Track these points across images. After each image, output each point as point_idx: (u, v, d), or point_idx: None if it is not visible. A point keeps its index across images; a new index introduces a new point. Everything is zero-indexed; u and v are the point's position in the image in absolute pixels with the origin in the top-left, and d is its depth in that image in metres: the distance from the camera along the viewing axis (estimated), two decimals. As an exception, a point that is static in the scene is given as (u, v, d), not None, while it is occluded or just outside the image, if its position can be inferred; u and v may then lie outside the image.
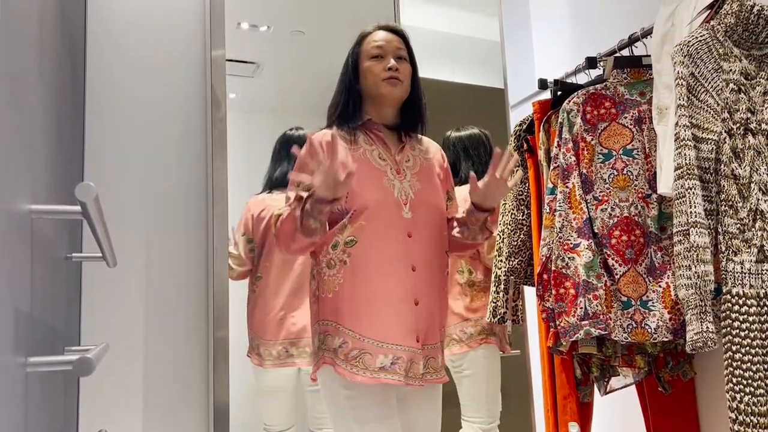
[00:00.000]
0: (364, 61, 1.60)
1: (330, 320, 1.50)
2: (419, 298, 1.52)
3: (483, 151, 2.25)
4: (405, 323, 1.49)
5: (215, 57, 2.05)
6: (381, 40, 1.59)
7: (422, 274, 1.54)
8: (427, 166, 1.65)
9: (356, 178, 1.51)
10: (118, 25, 2.07)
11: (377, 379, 1.44)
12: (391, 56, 1.58)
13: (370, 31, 1.63)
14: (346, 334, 1.47)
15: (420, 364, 1.49)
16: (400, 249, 1.52)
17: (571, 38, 2.62)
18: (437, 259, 1.59)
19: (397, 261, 1.51)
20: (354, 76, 1.61)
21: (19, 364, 0.81)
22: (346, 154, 1.55)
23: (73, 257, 1.45)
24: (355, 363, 1.45)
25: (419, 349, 1.50)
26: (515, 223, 2.00)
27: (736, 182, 1.42)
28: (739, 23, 1.50)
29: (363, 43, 1.62)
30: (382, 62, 1.58)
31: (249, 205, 2.04)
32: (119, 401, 1.89)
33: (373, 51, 1.59)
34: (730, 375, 1.36)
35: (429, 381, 1.53)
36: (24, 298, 0.85)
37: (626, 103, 1.77)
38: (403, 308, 1.49)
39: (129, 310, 1.95)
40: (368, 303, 1.48)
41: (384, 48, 1.59)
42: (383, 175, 1.56)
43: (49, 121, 1.15)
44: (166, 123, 2.08)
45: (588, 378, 1.85)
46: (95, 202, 0.85)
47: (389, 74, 1.56)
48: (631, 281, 1.68)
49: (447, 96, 2.52)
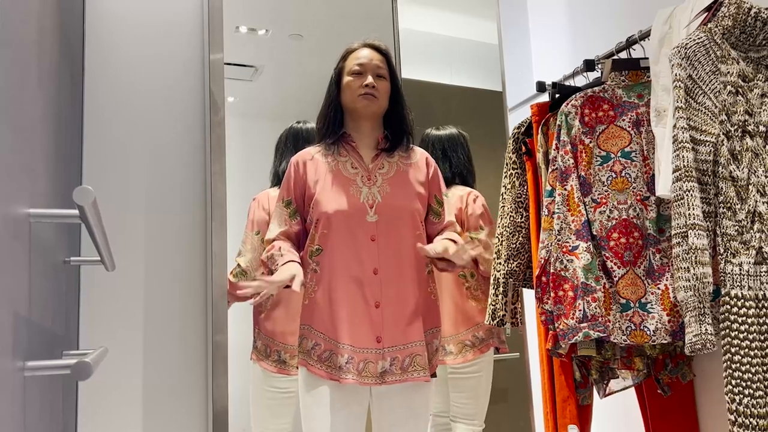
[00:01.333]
0: (345, 76, 1.71)
1: (307, 324, 1.65)
2: (380, 300, 1.61)
3: (461, 152, 2.24)
4: (362, 325, 1.59)
5: (213, 60, 2.05)
6: (363, 58, 1.70)
7: (386, 276, 1.63)
8: (404, 171, 1.73)
9: (321, 189, 1.66)
10: (116, 29, 2.07)
11: (336, 378, 1.56)
12: (370, 74, 1.68)
13: (355, 48, 1.73)
14: (319, 337, 1.61)
15: (378, 364, 1.58)
16: (361, 253, 1.62)
17: (569, 41, 2.63)
18: (406, 260, 1.66)
19: (357, 265, 1.61)
20: (336, 90, 1.73)
21: (18, 368, 0.81)
22: (320, 169, 1.70)
23: (71, 261, 1.45)
24: (328, 363, 1.58)
25: (379, 349, 1.58)
26: (514, 225, 2.00)
27: (734, 184, 1.43)
28: (737, 25, 1.50)
29: (347, 59, 1.73)
30: (360, 79, 1.68)
31: (258, 201, 2.01)
32: (118, 406, 1.89)
33: (354, 68, 1.69)
34: (729, 377, 1.36)
35: (394, 381, 1.59)
36: (22, 301, 0.85)
37: (624, 106, 1.77)
38: (361, 310, 1.60)
39: (127, 314, 1.94)
40: (332, 307, 1.61)
41: (365, 65, 1.69)
42: (351, 183, 1.67)
43: (47, 126, 1.15)
44: (164, 127, 2.08)
45: (587, 380, 1.85)
46: (93, 205, 0.85)
47: (365, 90, 1.67)
48: (629, 283, 1.68)
49: (445, 99, 2.53)
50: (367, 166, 1.71)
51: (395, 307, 1.62)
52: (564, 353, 1.75)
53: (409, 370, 1.60)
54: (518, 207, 2.01)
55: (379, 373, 1.57)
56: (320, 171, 1.69)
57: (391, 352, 1.60)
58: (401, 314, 1.62)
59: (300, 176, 1.72)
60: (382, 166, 1.72)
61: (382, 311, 1.61)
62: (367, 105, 1.68)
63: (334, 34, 2.33)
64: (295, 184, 1.72)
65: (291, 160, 1.74)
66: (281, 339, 1.95)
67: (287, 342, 1.94)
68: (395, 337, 1.60)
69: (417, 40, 2.47)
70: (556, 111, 1.88)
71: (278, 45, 2.26)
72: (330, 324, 1.60)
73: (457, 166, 2.21)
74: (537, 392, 2.40)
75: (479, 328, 2.10)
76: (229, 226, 1.98)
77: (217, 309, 1.92)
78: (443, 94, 2.52)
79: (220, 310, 1.92)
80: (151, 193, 2.03)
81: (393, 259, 1.64)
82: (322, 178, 1.68)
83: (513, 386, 2.39)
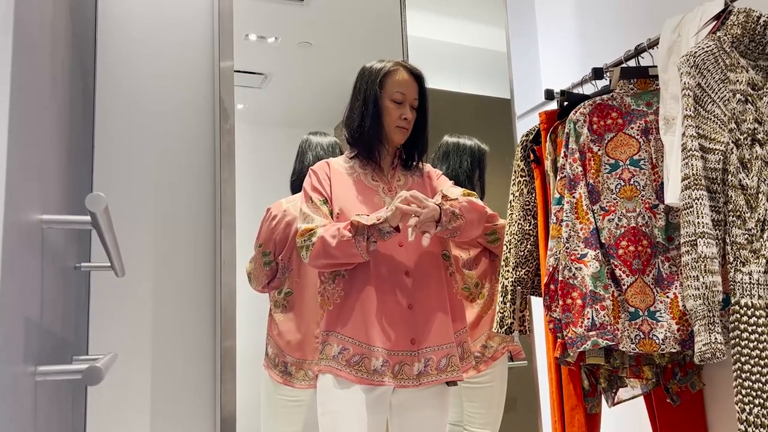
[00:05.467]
0: (385, 99, 1.72)
1: (332, 330, 1.63)
2: (413, 303, 1.63)
3: (466, 160, 2.23)
4: (396, 327, 1.60)
5: (224, 68, 2.07)
6: (404, 86, 1.73)
7: (417, 279, 1.65)
8: (419, 182, 1.80)
9: (346, 198, 1.69)
10: (127, 37, 2.09)
11: (370, 381, 1.56)
12: (408, 105, 1.73)
13: (391, 69, 1.74)
14: (347, 341, 1.60)
15: (414, 366, 1.59)
16: (391, 257, 1.64)
17: (578, 49, 2.63)
18: (432, 261, 1.70)
19: (388, 269, 1.63)
20: (374, 109, 1.72)
21: (29, 373, 0.81)
22: (342, 179, 1.73)
23: (81, 267, 1.46)
24: (358, 367, 1.58)
25: (414, 351, 1.60)
26: (522, 233, 1.99)
27: (744, 192, 1.42)
28: (746, 34, 1.50)
29: (386, 83, 1.73)
30: (399, 109, 1.72)
31: (270, 212, 2.01)
32: (126, 411, 1.90)
33: (395, 95, 1.72)
34: (739, 386, 1.35)
35: (430, 383, 1.61)
36: (34, 307, 0.86)
37: (633, 114, 1.77)
38: (396, 313, 1.61)
39: (136, 319, 1.95)
40: (363, 311, 1.60)
41: (405, 96, 1.72)
42: (375, 193, 1.72)
43: (60, 133, 1.16)
44: (174, 133, 2.10)
45: (596, 389, 1.84)
46: (105, 212, 0.86)
47: (403, 124, 1.72)
48: (638, 292, 1.67)
49: (454, 106, 2.53)
50: (386, 179, 1.77)
51: (427, 309, 1.64)
52: (572, 361, 1.74)
53: (447, 370, 1.63)
54: (526, 214, 2.01)
55: (416, 375, 1.59)
56: (342, 180, 1.73)
57: (426, 353, 1.62)
58: (433, 315, 1.64)
59: (319, 182, 1.73)
60: (399, 178, 1.79)
61: (415, 313, 1.63)
62: (401, 137, 1.75)
63: (342, 42, 2.34)
64: (319, 185, 1.73)
65: (312, 168, 1.76)
66: (288, 350, 1.94)
67: (294, 354, 1.94)
68: (429, 338, 1.63)
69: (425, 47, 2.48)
70: (564, 119, 1.88)
71: (287, 53, 2.27)
72: (361, 328, 1.60)
73: (454, 169, 2.21)
74: (545, 401, 2.39)
75: (488, 337, 2.09)
76: (238, 233, 1.99)
77: (226, 315, 1.92)
78: (452, 101, 2.53)
79: (229, 316, 1.93)
80: (160, 199, 2.04)
81: (421, 261, 1.67)
82: (345, 187, 1.72)
83: (521, 394, 2.38)
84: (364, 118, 1.72)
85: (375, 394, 1.59)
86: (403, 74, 1.74)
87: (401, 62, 1.77)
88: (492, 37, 2.69)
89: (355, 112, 1.74)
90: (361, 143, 1.75)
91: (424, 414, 1.65)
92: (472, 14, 2.69)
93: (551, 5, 2.81)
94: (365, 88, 1.73)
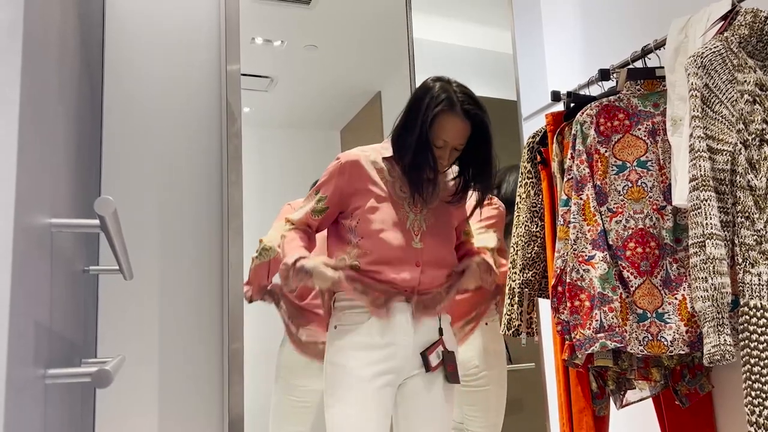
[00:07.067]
0: (431, 135, 1.63)
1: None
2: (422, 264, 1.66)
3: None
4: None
5: (230, 71, 2.07)
6: (448, 134, 1.64)
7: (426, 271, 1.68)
8: (444, 197, 1.76)
9: (371, 205, 1.65)
10: (134, 41, 2.10)
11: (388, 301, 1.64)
12: (450, 148, 1.66)
13: (442, 111, 1.62)
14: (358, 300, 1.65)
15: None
16: (403, 273, 1.65)
17: (584, 50, 2.62)
18: (446, 271, 1.73)
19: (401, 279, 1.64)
20: (418, 145, 1.62)
21: (39, 375, 0.82)
22: (371, 181, 1.68)
23: (90, 270, 1.47)
24: (375, 304, 1.65)
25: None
26: (529, 235, 1.99)
27: (752, 193, 1.41)
28: (753, 34, 1.49)
29: (434, 124, 1.62)
30: (439, 152, 1.66)
31: (281, 214, 2.02)
32: (134, 413, 1.90)
33: (438, 141, 1.64)
34: (748, 388, 1.35)
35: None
36: (43, 310, 0.86)
37: (640, 115, 1.77)
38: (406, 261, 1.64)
39: (145, 322, 1.96)
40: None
41: (447, 143, 1.65)
42: (400, 207, 1.68)
43: (68, 137, 1.16)
44: (181, 137, 2.11)
45: (604, 391, 1.84)
46: (114, 215, 0.86)
47: (440, 165, 1.68)
48: (646, 293, 1.66)
49: (460, 108, 2.53)
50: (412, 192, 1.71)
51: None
52: (580, 363, 1.73)
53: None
54: (533, 216, 2.01)
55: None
56: (371, 183, 1.68)
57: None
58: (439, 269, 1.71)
59: (344, 181, 1.68)
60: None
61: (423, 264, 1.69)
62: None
63: (348, 45, 2.34)
64: (335, 188, 1.68)
65: (340, 159, 1.69)
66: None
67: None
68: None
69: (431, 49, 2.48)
70: (571, 120, 1.87)
71: (293, 56, 2.28)
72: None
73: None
74: (553, 403, 2.38)
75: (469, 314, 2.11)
76: (245, 235, 2.00)
77: (233, 317, 1.93)
78: (458, 103, 2.53)
79: (236, 318, 1.93)
80: (167, 203, 2.05)
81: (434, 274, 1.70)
82: (373, 192, 1.67)
83: (528, 397, 2.38)
84: (407, 145, 1.64)
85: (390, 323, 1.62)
86: (454, 120, 1.63)
87: (461, 99, 1.63)
88: (498, 39, 2.69)
89: (402, 132, 1.68)
90: (401, 163, 1.69)
91: (423, 396, 1.65)
92: (477, 16, 2.69)
93: (557, 7, 2.80)
94: (417, 116, 1.64)
